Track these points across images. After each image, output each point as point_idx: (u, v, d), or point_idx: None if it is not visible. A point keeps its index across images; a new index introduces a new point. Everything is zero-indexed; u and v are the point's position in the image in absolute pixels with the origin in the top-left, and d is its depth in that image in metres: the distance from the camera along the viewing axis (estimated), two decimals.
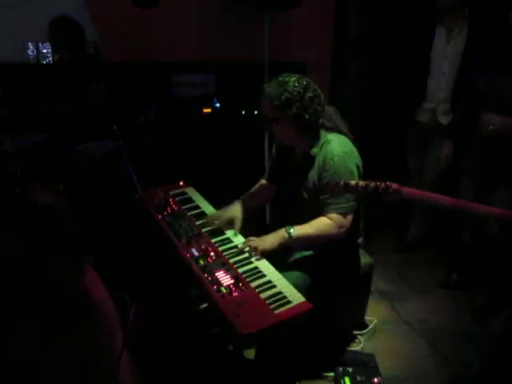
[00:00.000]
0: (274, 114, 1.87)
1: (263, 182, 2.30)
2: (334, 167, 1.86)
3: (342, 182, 1.56)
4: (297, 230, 1.87)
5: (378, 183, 1.51)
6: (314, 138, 1.95)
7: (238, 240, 1.97)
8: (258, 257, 1.83)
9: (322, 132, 1.95)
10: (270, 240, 1.87)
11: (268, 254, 1.85)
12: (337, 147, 1.89)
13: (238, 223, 2.05)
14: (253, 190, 2.28)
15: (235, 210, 2.10)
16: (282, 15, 3.44)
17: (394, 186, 1.51)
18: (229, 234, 2.02)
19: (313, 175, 1.95)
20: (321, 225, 1.89)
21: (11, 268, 0.39)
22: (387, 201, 1.53)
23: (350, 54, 4.18)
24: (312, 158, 1.95)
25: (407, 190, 1.53)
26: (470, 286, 2.82)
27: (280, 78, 1.89)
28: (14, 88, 3.35)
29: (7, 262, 0.40)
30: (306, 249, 2.03)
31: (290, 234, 1.86)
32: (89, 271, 0.47)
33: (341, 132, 1.97)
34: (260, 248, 1.84)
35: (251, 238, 1.93)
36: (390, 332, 2.50)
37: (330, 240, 1.91)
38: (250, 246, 1.86)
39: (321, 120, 1.93)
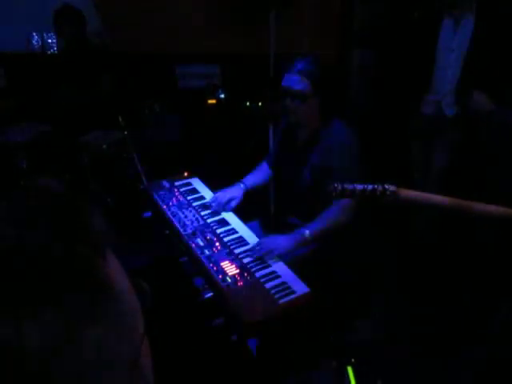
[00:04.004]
0: (306, 89, 1.88)
1: (264, 164, 2.36)
2: (340, 153, 1.91)
3: (339, 187, 1.55)
4: (311, 229, 1.85)
5: (376, 186, 1.50)
6: (324, 122, 1.99)
7: (243, 231, 1.98)
8: (273, 260, 1.77)
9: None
10: (285, 244, 1.82)
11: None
12: (343, 134, 1.95)
13: (234, 204, 2.14)
14: (253, 171, 2.34)
15: (234, 192, 2.18)
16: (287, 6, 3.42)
17: (392, 188, 1.50)
18: (234, 224, 2.03)
19: (316, 159, 1.98)
20: (331, 214, 1.91)
21: (32, 256, 0.39)
22: (386, 203, 1.52)
23: (355, 46, 4.16)
24: (317, 142, 1.98)
25: (405, 192, 1.52)
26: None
27: (314, 59, 1.91)
28: (19, 78, 3.36)
29: (27, 250, 0.39)
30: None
31: (305, 235, 1.84)
32: (111, 258, 0.46)
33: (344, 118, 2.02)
34: (276, 253, 1.79)
35: (262, 240, 1.87)
36: (394, 323, 2.51)
37: (342, 227, 1.93)
38: (263, 251, 1.80)
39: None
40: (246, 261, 1.76)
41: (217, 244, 1.86)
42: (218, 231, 1.97)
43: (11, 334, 0.35)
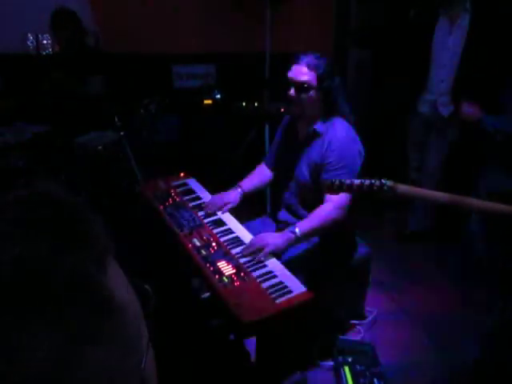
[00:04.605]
0: (311, 81, 1.92)
1: (262, 166, 2.35)
2: (340, 148, 1.93)
3: (337, 182, 1.56)
4: (301, 227, 1.86)
5: (373, 181, 1.51)
6: (325, 118, 2.01)
7: (240, 231, 1.99)
8: (264, 258, 1.77)
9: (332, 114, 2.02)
10: (276, 242, 1.82)
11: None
12: (343, 130, 1.97)
13: (230, 208, 2.14)
14: (251, 174, 2.33)
15: (230, 196, 2.17)
16: (284, 6, 3.43)
17: (389, 183, 1.51)
18: (230, 224, 2.03)
19: (316, 153, 1.99)
20: (322, 212, 1.91)
21: (31, 268, 0.38)
22: (383, 198, 1.53)
23: (351, 45, 4.17)
24: (317, 137, 2.00)
25: (402, 188, 1.53)
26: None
27: (318, 54, 1.95)
28: (15, 79, 3.35)
29: (27, 263, 0.39)
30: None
31: (295, 233, 1.84)
32: (111, 264, 0.45)
33: (345, 116, 2.02)
34: (267, 250, 1.79)
35: (254, 238, 1.88)
36: (390, 322, 2.52)
37: (334, 225, 1.92)
38: (255, 249, 1.80)
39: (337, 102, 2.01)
40: (242, 261, 1.76)
41: (213, 244, 1.86)
42: (215, 231, 1.97)
43: (11, 346, 0.35)
